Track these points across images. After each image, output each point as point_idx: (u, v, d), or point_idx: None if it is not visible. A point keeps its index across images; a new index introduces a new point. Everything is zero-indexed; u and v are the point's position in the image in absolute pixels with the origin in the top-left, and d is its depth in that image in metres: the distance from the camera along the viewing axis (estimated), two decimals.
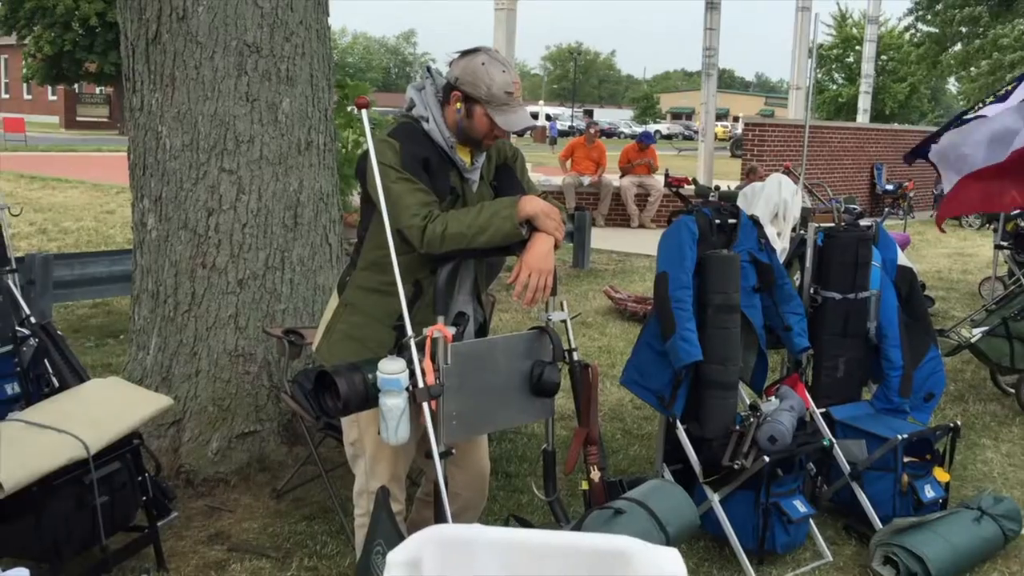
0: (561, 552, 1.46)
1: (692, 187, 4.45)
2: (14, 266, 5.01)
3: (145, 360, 4.28)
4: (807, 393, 4.01)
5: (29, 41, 38.63)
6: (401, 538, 2.00)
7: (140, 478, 3.29)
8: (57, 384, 3.91)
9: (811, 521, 3.75)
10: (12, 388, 4.29)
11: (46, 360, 3.93)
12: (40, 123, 43.31)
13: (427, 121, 2.75)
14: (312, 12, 4.33)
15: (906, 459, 3.95)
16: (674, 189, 4.64)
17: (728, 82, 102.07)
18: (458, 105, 2.71)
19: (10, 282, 4.55)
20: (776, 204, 4.49)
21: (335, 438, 3.78)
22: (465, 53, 2.75)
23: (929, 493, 3.94)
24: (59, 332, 4.06)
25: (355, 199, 6.14)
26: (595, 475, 2.97)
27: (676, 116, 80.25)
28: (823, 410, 4.08)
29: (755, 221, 3.98)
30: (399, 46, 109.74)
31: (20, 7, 37.77)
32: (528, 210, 2.63)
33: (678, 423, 3.73)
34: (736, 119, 58.50)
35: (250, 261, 4.20)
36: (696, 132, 56.78)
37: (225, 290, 4.17)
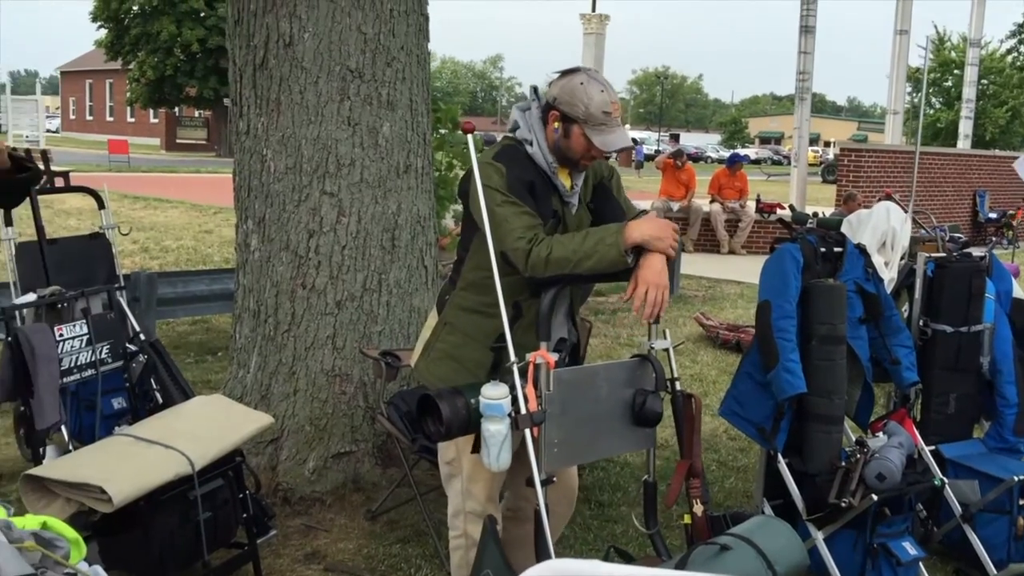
0: None
1: (786, 213, 4.34)
2: (123, 284, 5.20)
3: (245, 378, 4.36)
4: (915, 429, 3.86)
5: (133, 66, 40.37)
6: (510, 569, 1.97)
7: (241, 495, 3.34)
8: (161, 400, 4.02)
9: (920, 564, 3.58)
10: (119, 403, 4.42)
11: (152, 377, 4.05)
12: (142, 145, 45.10)
13: (531, 144, 2.75)
14: (413, 38, 4.39)
15: (1022, 501, 3.76)
16: (767, 215, 4.53)
17: (819, 106, 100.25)
18: (556, 125, 2.72)
19: (121, 300, 4.73)
20: (884, 232, 4.35)
21: (430, 461, 3.78)
22: (564, 73, 2.74)
23: None
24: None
25: (448, 222, 6.19)
26: (698, 509, 2.90)
27: (765, 141, 79.11)
28: (932, 448, 3.91)
29: (862, 250, 3.86)
30: (486, 70, 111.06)
31: (126, 34, 39.56)
32: (635, 237, 2.60)
33: (780, 457, 3.62)
34: (828, 144, 57.39)
35: (348, 283, 4.25)
36: (785, 157, 55.87)
37: (324, 311, 4.23)
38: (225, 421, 3.39)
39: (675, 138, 72.35)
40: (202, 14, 38.32)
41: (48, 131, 35.73)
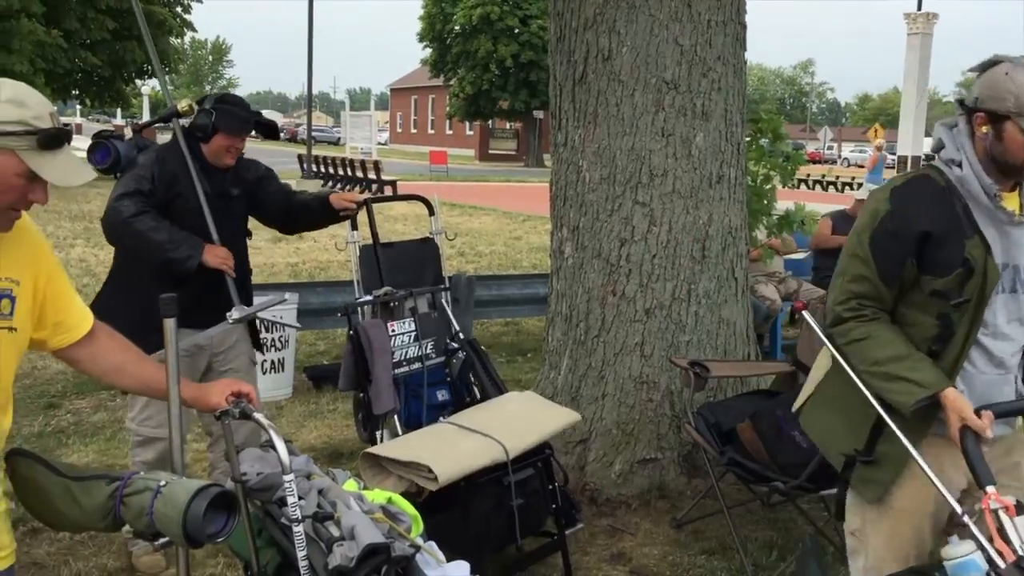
0: None
1: None
2: (447, 285, 5.61)
3: (556, 379, 4.55)
4: None
5: (454, 82, 43.29)
6: None
7: (551, 487, 3.50)
8: (479, 394, 4.31)
9: None
10: (442, 395, 4.77)
11: (471, 372, 4.35)
12: (458, 155, 48.10)
13: (959, 166, 2.31)
14: (730, 48, 4.36)
15: None
16: None
17: None
18: (984, 129, 2.28)
19: (443, 300, 5.13)
20: None
21: (737, 473, 3.74)
22: (981, 68, 2.32)
23: None
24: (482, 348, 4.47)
25: (760, 234, 6.06)
26: None
27: None
28: None
29: None
30: (796, 76, 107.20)
31: (448, 52, 42.57)
32: (947, 405, 2.21)
33: None
34: None
35: (657, 291, 4.31)
36: None
37: (633, 318, 4.31)
38: (536, 416, 3.58)
39: None
40: (516, 31, 40.32)
41: (379, 143, 39.21)
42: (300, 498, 2.15)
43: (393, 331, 4.13)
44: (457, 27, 41.60)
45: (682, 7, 4.21)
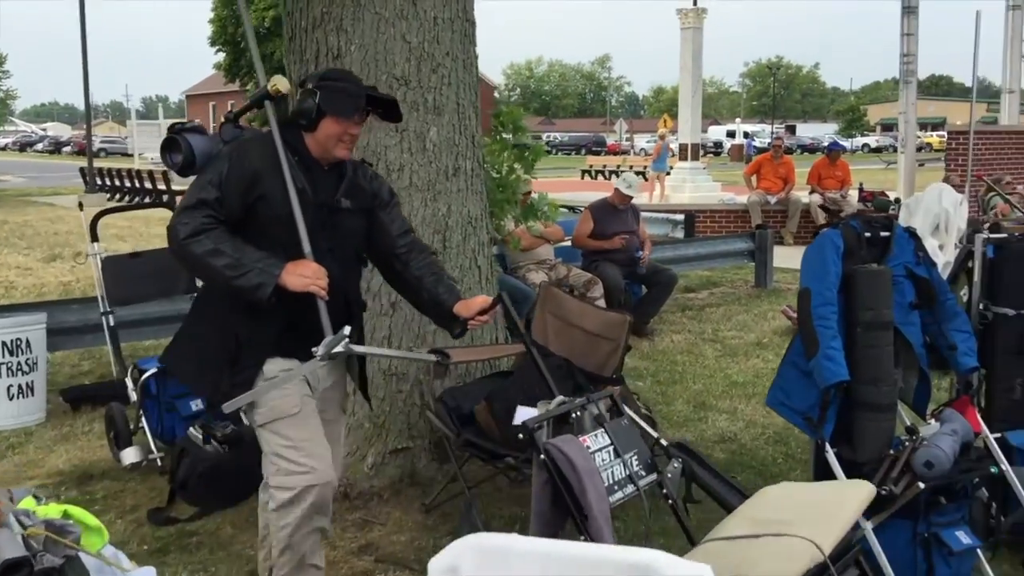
0: (593, 564, 1.46)
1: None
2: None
3: None
4: (979, 417, 3.71)
5: (251, 87, 42.07)
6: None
7: None
8: None
9: (980, 553, 3.46)
10: (196, 405, 4.68)
11: (695, 482, 3.52)
12: None
13: None
14: (458, 44, 4.49)
15: None
16: (870, 204, 4.44)
17: (946, 88, 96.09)
18: None
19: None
20: (936, 215, 4.18)
21: (479, 457, 3.88)
22: None
23: None
24: None
25: (509, 223, 6.25)
26: None
27: (887, 128, 76.18)
28: (998, 435, 3.76)
29: (912, 233, 3.75)
30: (594, 71, 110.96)
31: (242, 56, 41.30)
32: None
33: (827, 446, 3.56)
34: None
35: None
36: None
37: (379, 312, 4.37)
38: (818, 496, 2.97)
39: (791, 130, 70.61)
40: None
41: None
42: None
43: (588, 448, 2.94)
44: None
45: (407, 5, 4.29)
